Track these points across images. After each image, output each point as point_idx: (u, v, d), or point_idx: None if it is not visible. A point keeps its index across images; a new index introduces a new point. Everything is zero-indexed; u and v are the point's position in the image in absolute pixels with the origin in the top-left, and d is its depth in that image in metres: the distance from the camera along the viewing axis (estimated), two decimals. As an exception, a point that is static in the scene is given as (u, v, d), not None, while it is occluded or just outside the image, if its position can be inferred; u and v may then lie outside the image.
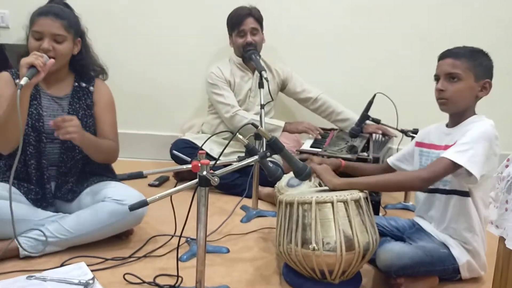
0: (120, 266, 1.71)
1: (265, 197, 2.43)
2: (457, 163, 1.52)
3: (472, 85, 1.62)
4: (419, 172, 1.63)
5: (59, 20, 1.76)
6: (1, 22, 2.90)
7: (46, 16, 1.75)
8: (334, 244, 1.48)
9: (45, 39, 1.74)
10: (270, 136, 1.51)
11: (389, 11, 2.90)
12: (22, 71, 1.61)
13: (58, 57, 1.75)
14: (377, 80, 2.87)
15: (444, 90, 1.63)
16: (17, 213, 1.65)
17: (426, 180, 1.55)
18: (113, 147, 1.93)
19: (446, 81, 1.63)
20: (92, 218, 1.76)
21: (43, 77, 1.65)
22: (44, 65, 1.64)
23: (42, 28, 1.74)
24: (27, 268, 1.64)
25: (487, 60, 1.64)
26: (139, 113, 3.04)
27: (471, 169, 1.50)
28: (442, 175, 1.56)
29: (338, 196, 1.52)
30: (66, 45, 1.79)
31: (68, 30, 1.79)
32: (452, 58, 1.62)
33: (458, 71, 1.60)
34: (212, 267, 1.73)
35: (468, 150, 1.52)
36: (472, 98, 1.64)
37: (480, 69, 1.62)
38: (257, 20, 2.63)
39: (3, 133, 1.69)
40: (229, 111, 2.60)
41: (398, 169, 1.88)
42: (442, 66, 1.65)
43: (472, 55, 1.62)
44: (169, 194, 1.42)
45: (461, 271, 1.65)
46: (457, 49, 1.65)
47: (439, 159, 1.57)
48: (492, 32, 2.78)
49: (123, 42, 2.95)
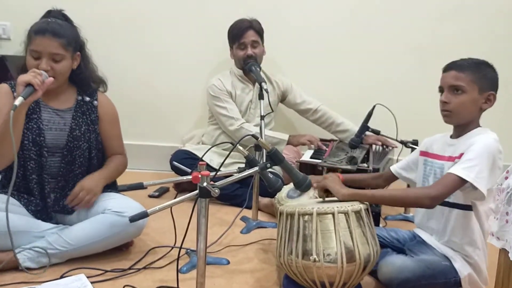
0: (119, 278, 1.70)
1: (264, 208, 2.42)
2: (465, 179, 1.51)
3: (476, 98, 1.61)
4: (428, 190, 1.59)
5: (56, 39, 1.72)
6: (3, 33, 2.91)
7: (43, 35, 1.71)
8: (335, 255, 1.48)
9: (43, 59, 1.71)
10: (270, 147, 1.52)
11: (388, 23, 2.92)
12: (19, 89, 1.58)
13: (57, 76, 1.73)
14: (376, 91, 2.88)
15: (448, 102, 1.62)
16: (17, 224, 1.66)
17: (435, 198, 1.54)
18: (124, 162, 1.99)
19: (450, 93, 1.62)
20: (92, 230, 1.75)
21: (40, 95, 1.62)
22: (42, 83, 1.61)
23: (40, 48, 1.71)
24: (27, 280, 1.63)
25: (491, 72, 1.64)
26: (140, 124, 3.04)
27: (478, 185, 1.50)
28: (451, 192, 1.55)
29: (339, 208, 1.52)
30: (65, 64, 1.76)
31: (67, 48, 1.76)
32: (456, 71, 1.62)
33: (462, 83, 1.60)
34: (212, 279, 1.72)
35: (474, 166, 1.52)
36: (476, 111, 1.63)
37: (484, 81, 1.61)
38: (258, 32, 2.64)
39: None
40: (233, 124, 2.60)
41: (402, 178, 1.87)
42: (446, 78, 1.64)
43: (477, 67, 1.62)
44: (169, 206, 1.42)
45: (463, 284, 1.63)
46: (461, 61, 1.64)
47: (446, 176, 1.56)
48: (490, 44, 2.81)
49: (123, 53, 2.96)
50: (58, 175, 1.84)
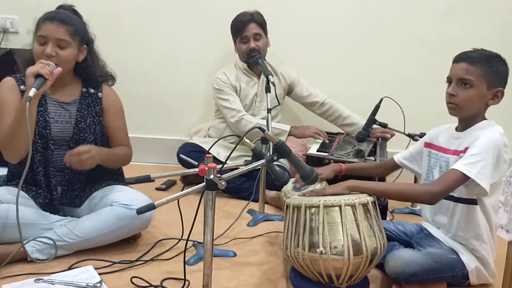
0: (127, 270, 1.71)
1: (271, 201, 2.43)
2: (467, 175, 1.50)
3: (483, 93, 1.57)
4: (430, 186, 1.58)
5: (64, 25, 1.75)
6: (11, 27, 2.93)
7: (51, 22, 1.74)
8: (342, 248, 1.48)
9: (49, 44, 1.73)
10: (277, 140, 1.51)
11: (396, 16, 2.89)
12: (29, 81, 1.59)
13: (60, 63, 1.73)
14: (383, 84, 2.86)
15: (455, 95, 1.59)
16: (25, 217, 1.67)
17: (438, 194, 1.53)
18: (128, 153, 1.96)
19: (458, 86, 1.59)
20: (100, 222, 1.76)
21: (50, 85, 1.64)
22: (51, 73, 1.63)
23: (46, 33, 1.73)
24: (35, 271, 1.64)
25: (502, 67, 1.59)
26: (147, 117, 3.05)
27: (480, 181, 1.49)
28: (453, 187, 1.54)
29: (346, 200, 1.52)
30: (70, 51, 1.77)
31: (73, 36, 1.77)
32: (467, 63, 1.57)
33: (471, 77, 1.56)
34: (219, 271, 1.73)
35: (478, 162, 1.50)
36: (481, 106, 1.61)
37: (494, 77, 1.57)
38: (260, 25, 2.62)
39: (13, 144, 1.69)
40: (234, 116, 2.60)
41: (405, 168, 1.86)
42: (455, 70, 1.60)
43: (488, 61, 1.57)
44: (176, 198, 1.42)
45: (470, 277, 1.63)
46: (473, 52, 1.59)
47: (449, 172, 1.55)
48: (498, 36, 2.77)
49: (130, 47, 2.97)
50: (65, 167, 1.84)
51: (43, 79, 1.60)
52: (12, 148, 1.71)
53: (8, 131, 1.68)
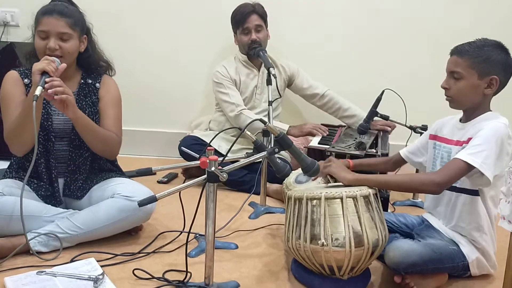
0: (129, 262, 1.72)
1: (273, 194, 2.43)
2: (471, 164, 1.50)
3: (475, 83, 1.58)
4: (434, 176, 1.56)
5: (64, 18, 1.76)
6: (11, 20, 2.92)
7: (50, 15, 1.74)
8: (343, 240, 1.48)
9: (51, 38, 1.74)
10: (278, 131, 1.51)
11: (397, 8, 2.87)
12: (35, 78, 1.61)
13: (65, 56, 1.76)
14: (385, 77, 2.85)
15: (448, 88, 1.62)
16: (27, 209, 1.67)
17: (441, 184, 1.52)
18: (113, 138, 1.88)
19: (450, 79, 1.62)
20: (102, 214, 1.76)
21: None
22: (56, 70, 1.64)
23: (48, 27, 1.74)
24: (38, 263, 1.65)
25: (497, 55, 1.58)
26: (148, 110, 3.05)
27: (484, 171, 1.48)
28: (457, 177, 1.54)
29: (348, 192, 1.52)
30: (73, 43, 1.79)
31: (74, 28, 1.78)
32: (456, 56, 1.60)
33: (459, 69, 1.58)
34: (221, 263, 1.73)
35: (482, 151, 1.50)
36: (477, 96, 1.60)
37: (484, 66, 1.56)
38: (261, 16, 2.61)
39: (18, 138, 1.72)
40: (233, 110, 2.59)
41: (411, 162, 1.86)
42: (447, 63, 1.64)
43: (478, 51, 1.57)
44: (177, 190, 1.42)
45: (471, 268, 1.64)
46: (463, 45, 1.61)
47: (452, 161, 1.55)
48: (502, 27, 2.74)
49: (131, 40, 2.96)
50: (67, 159, 1.85)
51: (48, 76, 1.62)
52: (18, 142, 1.74)
53: (14, 127, 1.71)
